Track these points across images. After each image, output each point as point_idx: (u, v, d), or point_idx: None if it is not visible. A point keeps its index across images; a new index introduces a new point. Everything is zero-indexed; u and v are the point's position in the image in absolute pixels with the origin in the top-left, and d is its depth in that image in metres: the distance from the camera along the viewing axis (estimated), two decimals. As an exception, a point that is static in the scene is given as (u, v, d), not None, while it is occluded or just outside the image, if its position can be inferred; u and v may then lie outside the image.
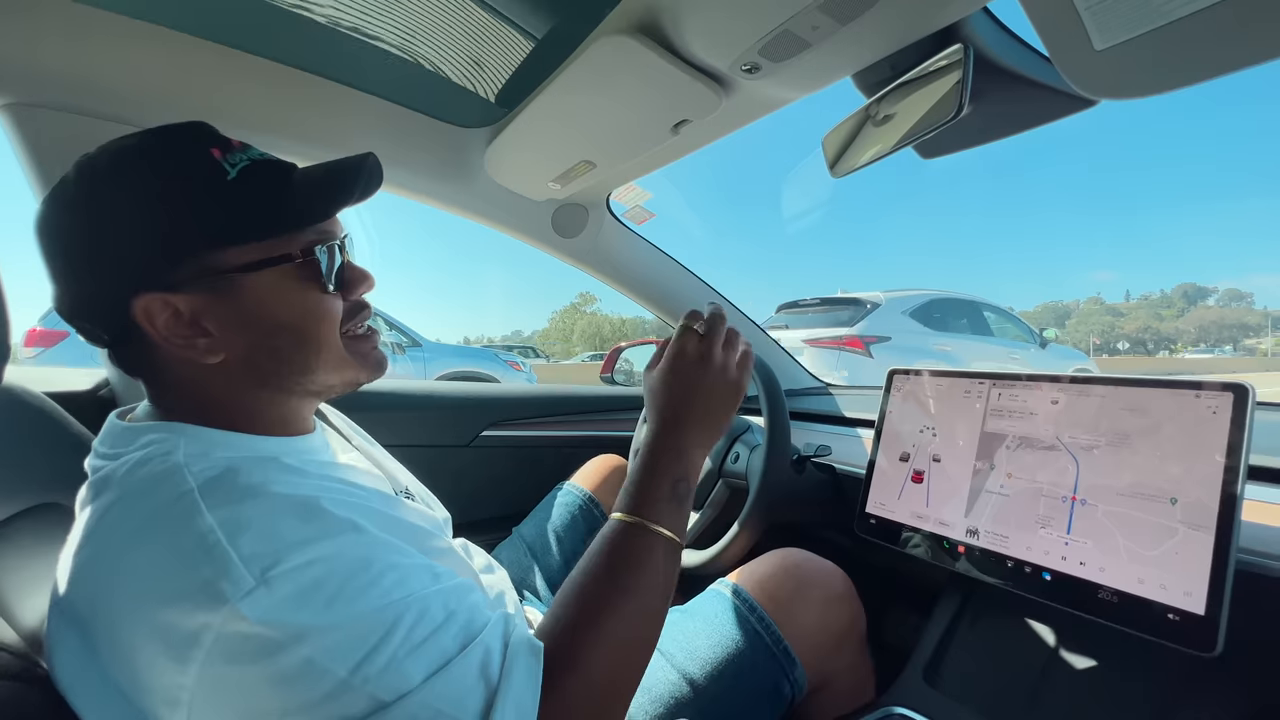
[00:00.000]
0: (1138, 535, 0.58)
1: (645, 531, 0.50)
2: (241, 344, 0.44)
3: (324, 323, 0.48)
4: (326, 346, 0.48)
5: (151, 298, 0.41)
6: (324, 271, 0.47)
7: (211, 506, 0.37)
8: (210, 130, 0.45)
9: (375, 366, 0.53)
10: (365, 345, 0.52)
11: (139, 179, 0.42)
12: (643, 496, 0.52)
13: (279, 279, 0.45)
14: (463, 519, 0.88)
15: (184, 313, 0.42)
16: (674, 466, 0.54)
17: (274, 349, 0.46)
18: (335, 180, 0.47)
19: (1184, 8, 0.46)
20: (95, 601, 0.37)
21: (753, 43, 0.66)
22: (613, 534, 0.50)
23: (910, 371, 0.85)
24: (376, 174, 0.49)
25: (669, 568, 0.51)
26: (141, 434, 0.43)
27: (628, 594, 0.47)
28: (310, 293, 0.46)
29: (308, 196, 0.46)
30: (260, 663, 0.33)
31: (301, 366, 0.48)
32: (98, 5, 0.71)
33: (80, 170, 0.43)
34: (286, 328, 0.46)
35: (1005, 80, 0.69)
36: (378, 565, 0.39)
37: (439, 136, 1.03)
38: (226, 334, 0.44)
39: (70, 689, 0.39)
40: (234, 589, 0.34)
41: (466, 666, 0.38)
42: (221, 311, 0.43)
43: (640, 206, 1.32)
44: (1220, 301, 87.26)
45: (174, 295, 0.42)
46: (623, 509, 0.52)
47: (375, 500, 0.47)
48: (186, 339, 0.43)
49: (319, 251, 0.46)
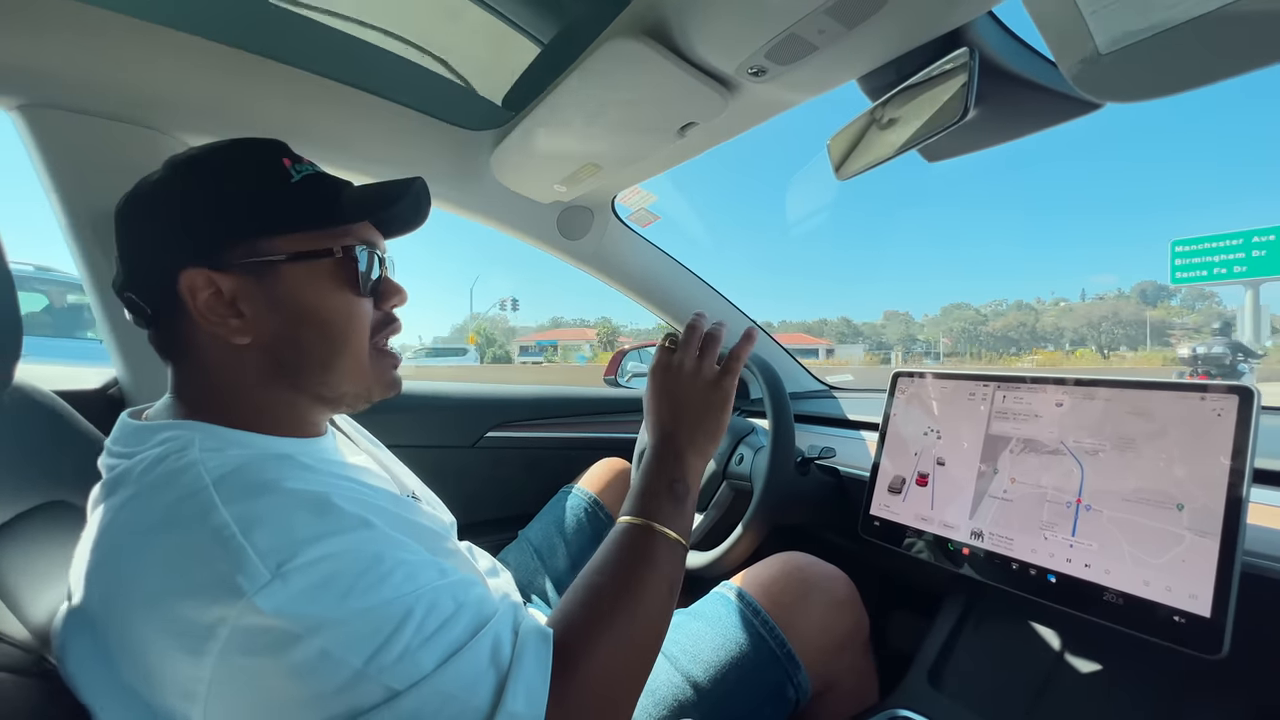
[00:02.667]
0: (1144, 542, 0.57)
1: (649, 531, 0.52)
2: (269, 330, 0.46)
3: (352, 323, 0.50)
4: (351, 349, 0.50)
5: (196, 272, 0.44)
6: (360, 274, 0.49)
7: (226, 502, 0.37)
8: (286, 146, 0.50)
9: (390, 385, 0.55)
10: (387, 362, 0.54)
11: (208, 168, 0.47)
12: (645, 499, 0.55)
13: (316, 273, 0.48)
14: (467, 520, 0.88)
15: (224, 292, 0.45)
16: (671, 469, 0.57)
17: (297, 340, 0.48)
18: (381, 190, 0.50)
19: (1188, 12, 0.46)
20: (110, 598, 0.38)
21: (759, 46, 0.66)
22: (619, 534, 0.53)
23: (914, 374, 0.85)
24: (424, 197, 0.54)
25: (674, 566, 0.53)
26: (157, 432, 0.44)
27: (634, 591, 0.48)
28: (342, 291, 0.49)
29: (354, 200, 0.50)
30: (276, 655, 0.34)
31: (322, 363, 0.49)
32: (109, 8, 0.72)
33: (167, 161, 0.48)
34: (314, 320, 0.48)
35: (1010, 84, 0.69)
36: (389, 561, 0.39)
37: (446, 139, 1.04)
38: (258, 317, 0.46)
39: (84, 688, 0.39)
40: (250, 582, 0.34)
41: (477, 653, 0.39)
42: (258, 295, 0.46)
43: (645, 209, 1.33)
44: (1183, 302, 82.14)
45: (217, 273, 0.45)
46: (628, 512, 0.54)
47: (384, 499, 0.47)
48: (221, 317, 0.45)
49: (358, 252, 0.49)
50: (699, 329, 0.64)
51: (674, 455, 0.58)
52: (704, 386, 0.61)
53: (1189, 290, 72.00)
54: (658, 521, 0.53)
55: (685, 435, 0.59)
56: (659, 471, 0.57)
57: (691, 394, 0.60)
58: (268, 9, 0.75)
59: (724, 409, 0.61)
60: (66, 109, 0.79)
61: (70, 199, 0.81)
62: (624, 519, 0.54)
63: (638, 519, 0.53)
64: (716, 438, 0.61)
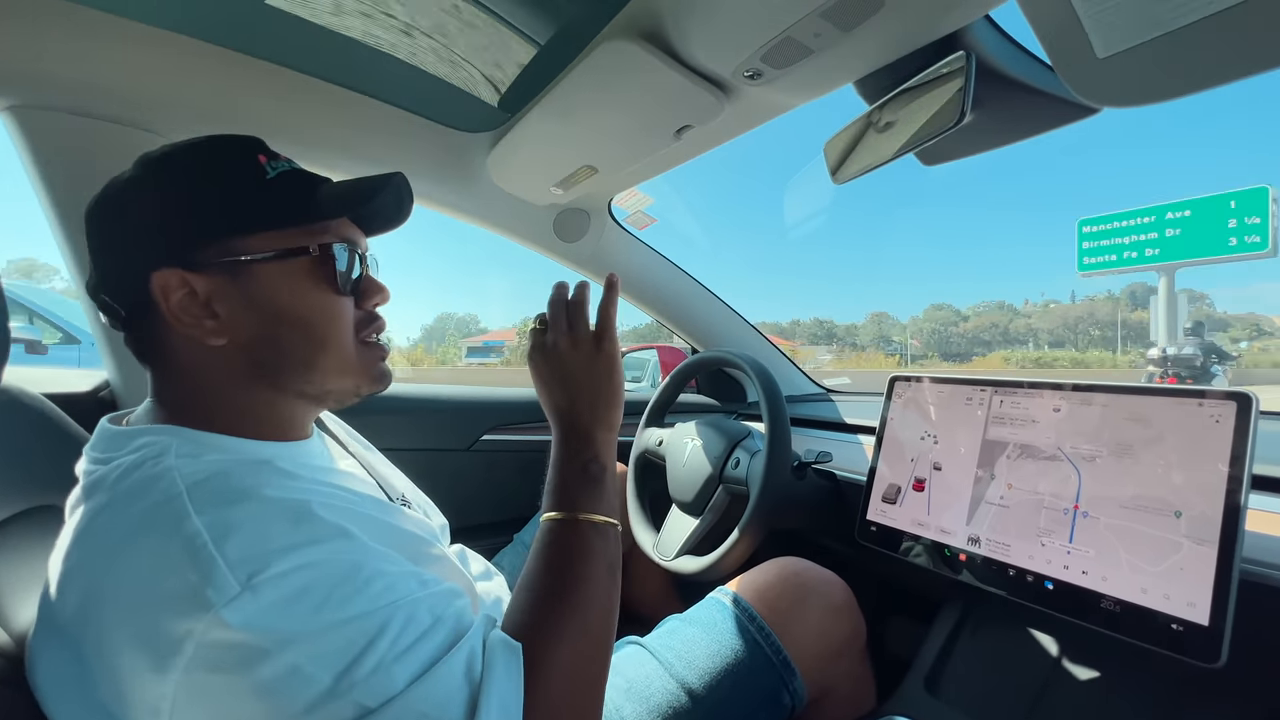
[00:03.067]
0: (1141, 550, 0.57)
1: (575, 524, 0.51)
2: (245, 330, 0.45)
3: (333, 323, 0.49)
4: (335, 346, 0.49)
5: (169, 273, 0.43)
6: (339, 273, 0.48)
7: (200, 510, 0.36)
8: (262, 143, 0.49)
9: (379, 378, 0.53)
10: (374, 354, 0.53)
11: (181, 166, 0.46)
12: (561, 492, 0.53)
13: (292, 271, 0.47)
14: (462, 524, 0.88)
15: (198, 293, 0.44)
16: (581, 451, 0.54)
17: (276, 340, 0.47)
18: (357, 186, 0.49)
19: (1186, 16, 0.46)
20: (84, 607, 0.37)
21: (755, 49, 0.66)
22: (546, 533, 0.51)
23: (911, 378, 0.85)
24: (405, 192, 0.53)
25: (608, 550, 0.51)
26: (134, 438, 0.43)
27: (577, 585, 0.47)
28: (321, 290, 0.48)
29: (330, 197, 0.49)
30: (243, 671, 0.33)
31: (303, 363, 0.48)
32: (100, 8, 0.71)
33: (139, 159, 0.47)
34: (292, 320, 0.47)
35: (1007, 88, 0.69)
36: (366, 571, 0.38)
37: (442, 141, 1.03)
38: (234, 318, 0.45)
39: (51, 703, 0.38)
40: (218, 595, 0.33)
41: (451, 669, 0.38)
42: (233, 295, 0.45)
43: (642, 212, 1.33)
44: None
45: (191, 274, 0.44)
46: (549, 508, 0.52)
47: (369, 506, 0.46)
48: (195, 319, 0.44)
49: (336, 250, 0.48)
50: (561, 299, 0.60)
51: (579, 436, 0.55)
52: (586, 357, 0.57)
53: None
54: (581, 511, 0.51)
55: (586, 412, 0.56)
56: (569, 457, 0.54)
57: (575, 369, 0.57)
58: (261, 9, 0.75)
59: (614, 371, 0.58)
60: (58, 110, 0.78)
61: (61, 201, 0.81)
62: (546, 516, 0.52)
63: (560, 514, 0.51)
64: (617, 403, 0.58)
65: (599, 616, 0.47)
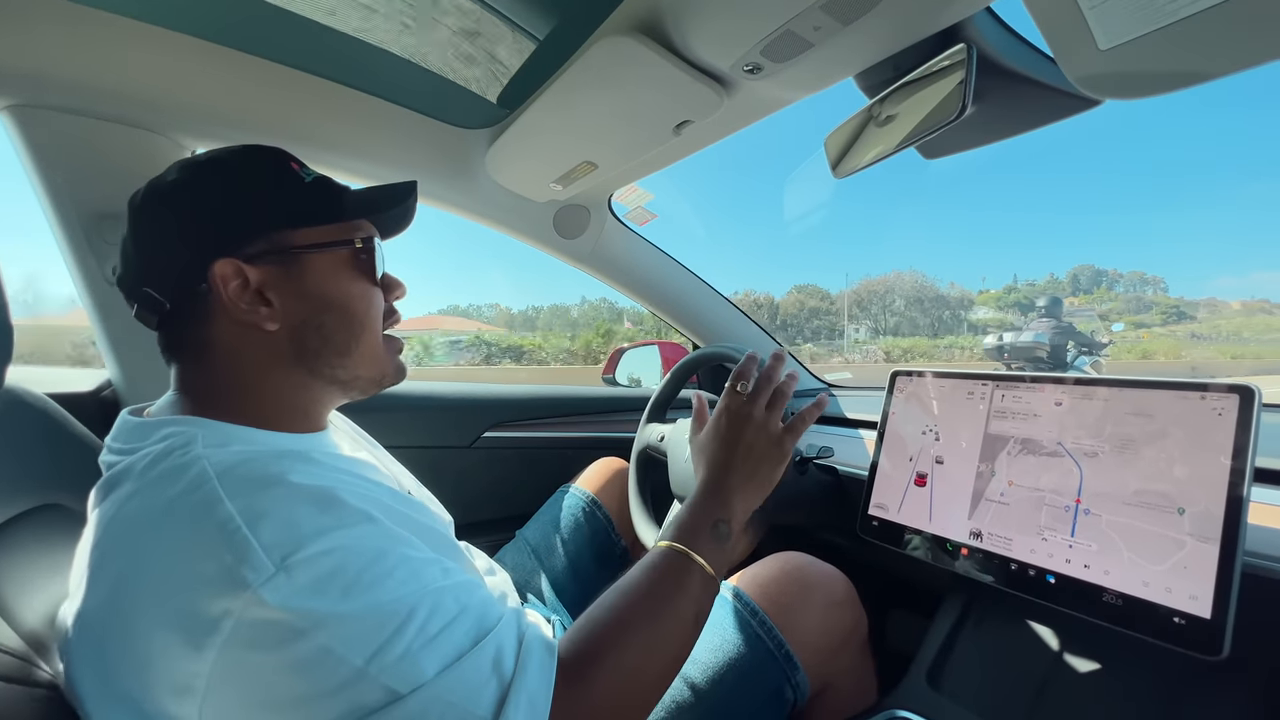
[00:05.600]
0: (1144, 548, 0.57)
1: (685, 558, 0.52)
2: (296, 316, 0.49)
3: (370, 310, 0.54)
4: (369, 333, 0.54)
5: (227, 263, 0.47)
6: (375, 265, 0.54)
7: (231, 495, 0.38)
8: (289, 154, 0.54)
9: (400, 370, 0.58)
10: (394, 346, 0.58)
11: (227, 167, 0.50)
12: (686, 530, 0.55)
13: (336, 263, 0.52)
14: (464, 520, 0.88)
15: (252, 282, 0.47)
16: (717, 509, 0.57)
17: (321, 325, 0.51)
18: (383, 191, 0.56)
19: (1188, 8, 0.45)
20: (113, 595, 0.38)
21: (755, 43, 0.66)
22: (654, 556, 0.53)
23: (913, 372, 0.85)
24: (415, 203, 0.59)
25: (703, 598, 0.52)
26: (159, 428, 0.44)
27: (659, 614, 0.48)
28: (361, 280, 0.53)
29: (365, 196, 0.55)
30: (278, 649, 0.34)
31: (342, 348, 0.52)
32: (98, 7, 0.71)
33: (178, 163, 0.50)
34: (337, 307, 0.51)
35: (1008, 80, 0.68)
36: (392, 557, 0.39)
37: (440, 137, 1.03)
38: (285, 305, 0.49)
39: (84, 697, 0.39)
40: (255, 575, 0.34)
41: (480, 661, 0.39)
42: (284, 284, 0.49)
43: (642, 207, 1.32)
44: (1125, 287, 74.25)
45: (247, 265, 0.47)
46: (666, 538, 0.54)
47: (387, 496, 0.47)
48: (250, 305, 0.48)
49: (376, 243, 0.54)
50: (773, 380, 0.65)
51: (723, 497, 0.58)
52: (767, 440, 0.62)
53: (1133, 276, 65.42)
54: (695, 550, 0.53)
55: (738, 481, 0.60)
56: (705, 509, 0.57)
57: (754, 444, 0.61)
58: (259, 7, 0.74)
59: (780, 465, 0.62)
60: (58, 109, 0.78)
61: (61, 200, 0.81)
62: (662, 543, 0.54)
63: (677, 544, 0.53)
64: (766, 492, 0.62)
65: (666, 654, 0.48)
